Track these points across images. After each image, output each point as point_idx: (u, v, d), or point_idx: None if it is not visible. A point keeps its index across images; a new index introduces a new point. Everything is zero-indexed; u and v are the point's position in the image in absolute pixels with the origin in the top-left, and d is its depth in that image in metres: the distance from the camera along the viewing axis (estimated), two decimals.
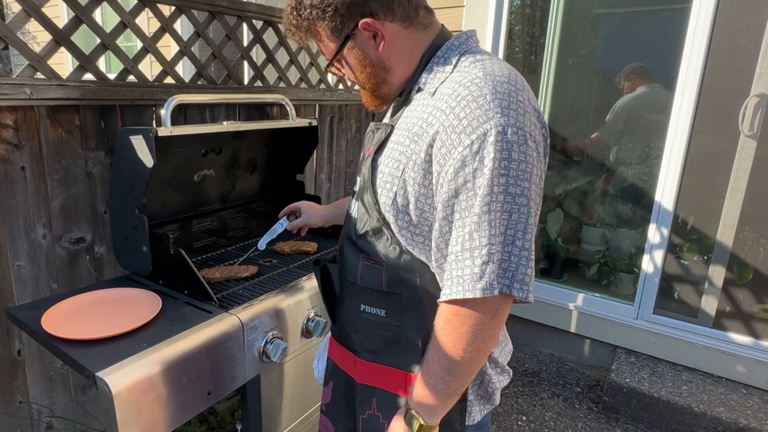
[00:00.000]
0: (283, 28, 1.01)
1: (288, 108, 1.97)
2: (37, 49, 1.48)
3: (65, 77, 1.56)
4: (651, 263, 2.68)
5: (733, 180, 2.52)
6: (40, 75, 1.50)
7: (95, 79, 1.64)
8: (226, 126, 1.65)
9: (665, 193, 2.59)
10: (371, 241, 0.98)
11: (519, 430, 2.41)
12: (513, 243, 0.82)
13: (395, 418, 0.96)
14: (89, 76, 1.64)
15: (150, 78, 1.80)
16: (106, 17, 5.43)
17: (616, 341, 2.81)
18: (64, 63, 5.32)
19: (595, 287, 3.06)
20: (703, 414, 2.27)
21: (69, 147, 1.59)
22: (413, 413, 0.91)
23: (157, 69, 1.88)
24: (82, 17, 1.59)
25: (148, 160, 1.41)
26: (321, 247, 1.93)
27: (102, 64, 3.85)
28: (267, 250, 1.91)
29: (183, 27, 3.88)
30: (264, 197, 2.14)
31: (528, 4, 3.22)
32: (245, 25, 2.17)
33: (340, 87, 2.79)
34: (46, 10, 1.49)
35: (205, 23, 1.99)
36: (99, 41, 1.68)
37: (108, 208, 1.70)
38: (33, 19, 1.47)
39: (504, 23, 2.88)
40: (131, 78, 1.77)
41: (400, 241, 0.94)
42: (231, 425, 1.96)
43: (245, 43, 2.19)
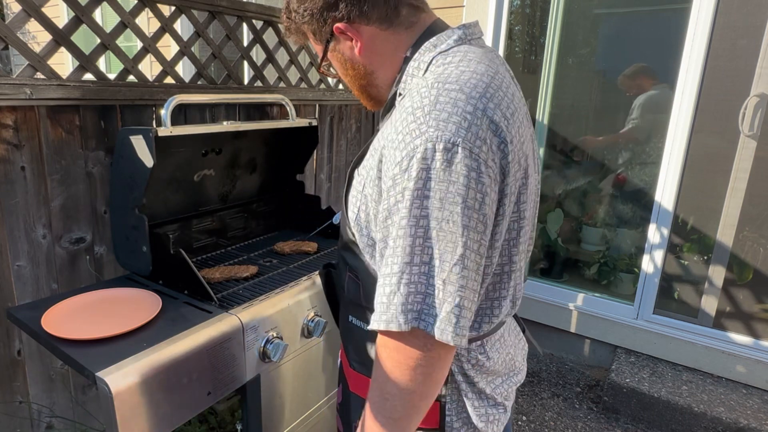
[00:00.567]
0: (282, 28, 1.01)
1: (288, 108, 1.97)
2: (37, 49, 1.48)
3: (65, 77, 1.56)
4: (651, 263, 2.68)
5: (733, 180, 2.52)
6: (40, 75, 1.50)
7: (95, 79, 1.64)
8: (226, 126, 1.65)
9: (665, 193, 2.59)
10: (350, 255, 0.95)
11: (519, 430, 2.41)
12: (434, 274, 0.72)
13: None
14: (89, 76, 1.64)
15: (150, 78, 1.81)
16: (106, 17, 5.43)
17: (616, 341, 2.81)
18: (64, 63, 5.32)
19: (595, 287, 3.06)
20: (703, 414, 2.27)
21: (69, 147, 1.59)
22: None
23: (157, 69, 1.88)
24: (82, 17, 1.59)
25: (148, 160, 1.41)
26: (321, 248, 1.93)
27: (102, 64, 3.86)
28: (267, 250, 1.92)
29: (183, 27, 3.88)
30: (264, 197, 2.14)
31: (528, 4, 3.22)
32: (245, 25, 2.17)
33: (340, 87, 2.79)
34: (46, 10, 1.49)
35: (205, 23, 1.99)
36: (99, 41, 1.68)
37: (108, 208, 1.70)
38: (33, 19, 1.47)
39: (504, 23, 2.88)
40: (131, 78, 1.77)
41: (367, 261, 0.90)
42: (231, 425, 1.96)
43: (245, 43, 2.19)
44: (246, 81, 2.32)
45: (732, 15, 2.36)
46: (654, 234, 2.65)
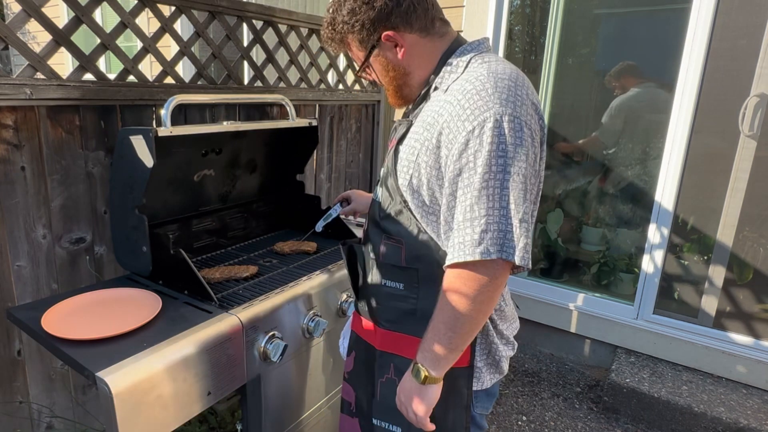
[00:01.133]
0: (321, 40, 1.17)
1: (288, 108, 1.97)
2: (37, 49, 1.48)
3: (65, 77, 1.56)
4: (651, 263, 2.68)
5: (733, 180, 2.52)
6: (40, 75, 1.50)
7: (95, 79, 1.64)
8: (226, 126, 1.65)
9: (665, 193, 2.59)
10: (393, 222, 1.12)
11: (519, 430, 2.41)
12: (510, 215, 0.93)
13: (405, 374, 1.09)
14: (89, 76, 1.64)
15: (150, 78, 1.81)
16: (106, 17, 5.44)
17: (616, 341, 2.81)
18: (64, 63, 5.32)
19: (595, 287, 3.06)
20: (703, 414, 2.27)
21: (69, 147, 1.59)
22: (419, 366, 1.04)
23: (157, 69, 1.88)
24: (82, 17, 1.59)
25: (148, 160, 1.41)
26: (320, 247, 1.93)
27: (102, 64, 3.86)
28: (267, 250, 1.92)
29: (183, 27, 3.88)
30: (264, 197, 2.14)
31: (528, 4, 3.22)
32: (245, 25, 2.17)
33: (340, 87, 2.80)
34: (46, 10, 1.49)
35: (205, 23, 1.99)
36: (99, 41, 1.68)
37: (108, 208, 1.70)
38: (33, 19, 1.47)
39: (504, 23, 2.88)
40: (131, 78, 1.77)
41: (418, 220, 1.08)
42: (231, 425, 1.96)
43: (245, 43, 2.19)
44: (246, 81, 2.32)
45: (732, 15, 2.36)
46: (654, 234, 2.65)
